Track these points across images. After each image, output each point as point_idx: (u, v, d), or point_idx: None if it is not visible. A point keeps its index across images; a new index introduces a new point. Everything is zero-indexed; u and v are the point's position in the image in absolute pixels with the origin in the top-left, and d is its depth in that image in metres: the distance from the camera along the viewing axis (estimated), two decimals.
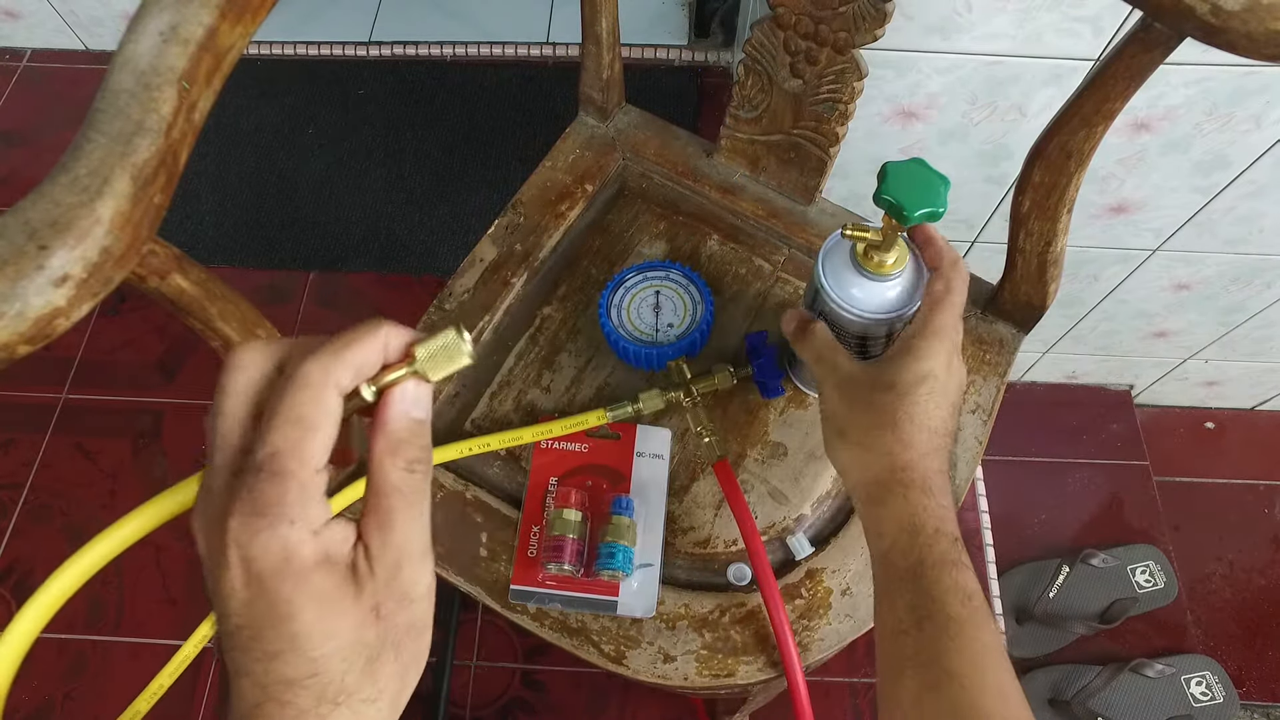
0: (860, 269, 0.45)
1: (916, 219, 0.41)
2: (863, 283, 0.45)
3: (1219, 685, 1.10)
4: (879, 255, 0.44)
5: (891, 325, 0.46)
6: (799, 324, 0.49)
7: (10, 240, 0.27)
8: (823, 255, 0.46)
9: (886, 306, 0.45)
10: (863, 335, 0.47)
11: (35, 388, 1.05)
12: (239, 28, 0.32)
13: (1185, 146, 0.77)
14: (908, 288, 0.45)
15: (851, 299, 0.45)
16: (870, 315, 0.45)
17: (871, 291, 0.45)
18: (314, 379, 0.25)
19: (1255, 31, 0.33)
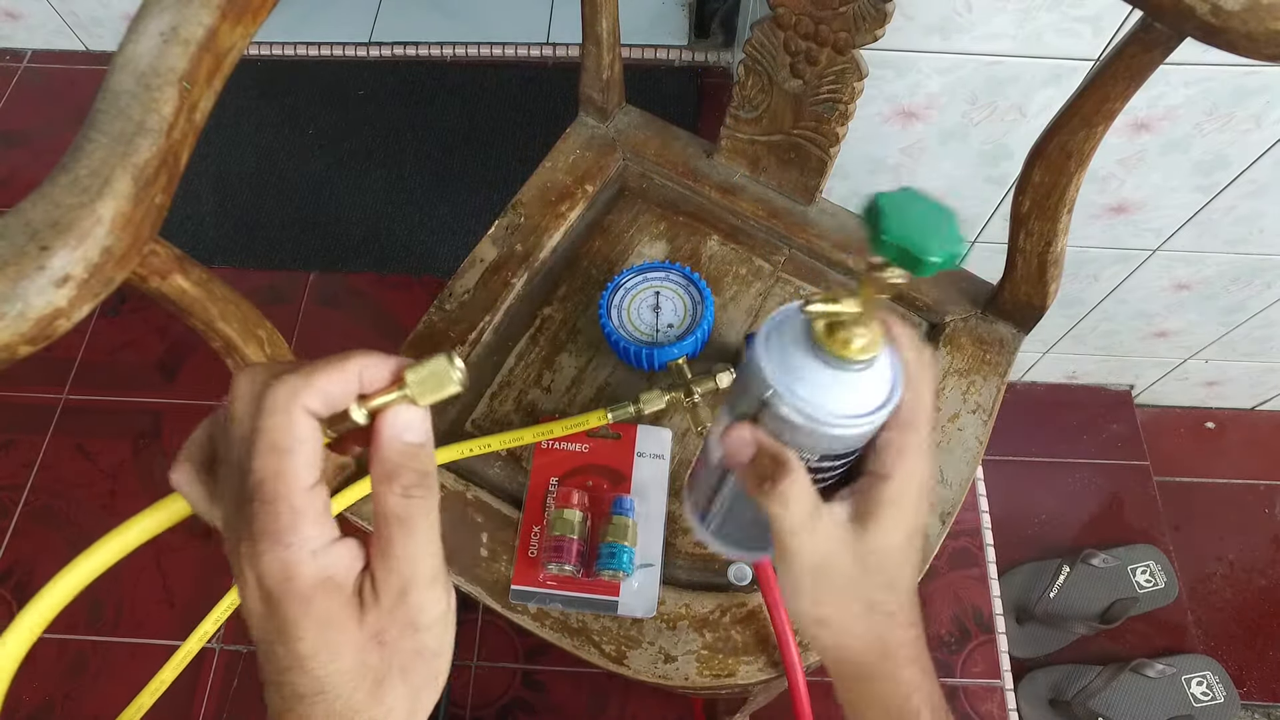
0: (823, 355, 0.30)
1: (935, 265, 0.28)
2: (830, 378, 0.30)
3: (1220, 685, 1.10)
4: (850, 333, 0.30)
5: (865, 439, 0.32)
6: (769, 461, 0.31)
7: (11, 241, 0.27)
8: (764, 341, 0.31)
9: (862, 408, 0.30)
10: (836, 455, 0.32)
11: (36, 388, 1.05)
12: (239, 28, 0.32)
13: (1185, 146, 0.77)
14: (881, 381, 0.31)
15: (817, 402, 0.30)
16: (841, 424, 0.30)
17: (841, 389, 0.30)
18: (280, 404, 0.25)
19: (1255, 31, 0.33)
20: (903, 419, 0.32)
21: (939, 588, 0.94)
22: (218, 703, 0.89)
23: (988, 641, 0.92)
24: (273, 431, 0.25)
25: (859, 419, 0.30)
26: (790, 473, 0.31)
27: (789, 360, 0.30)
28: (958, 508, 0.55)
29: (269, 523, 0.25)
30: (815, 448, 0.31)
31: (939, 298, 0.62)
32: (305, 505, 0.25)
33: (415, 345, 0.61)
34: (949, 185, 0.87)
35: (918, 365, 0.32)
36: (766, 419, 0.31)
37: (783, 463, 0.31)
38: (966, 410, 0.59)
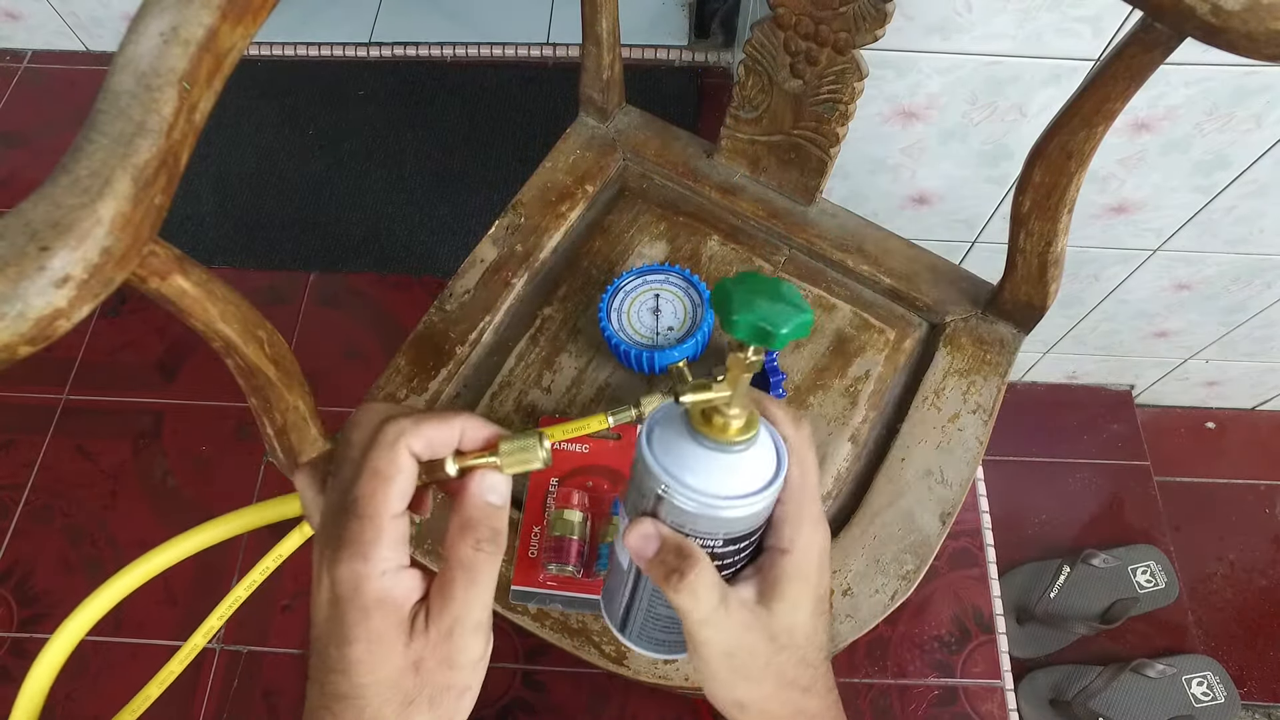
0: (705, 441, 0.30)
1: (788, 336, 0.29)
2: (715, 461, 0.31)
3: (1220, 685, 1.10)
4: (725, 417, 0.31)
5: (763, 518, 0.32)
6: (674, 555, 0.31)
7: (11, 241, 0.27)
8: (648, 438, 0.32)
9: (752, 485, 0.31)
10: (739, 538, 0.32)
11: (36, 389, 1.05)
12: (240, 29, 0.32)
13: (1186, 146, 0.77)
14: (766, 457, 0.32)
15: (708, 488, 0.30)
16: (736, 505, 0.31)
17: (728, 471, 0.31)
18: (389, 439, 0.29)
19: (1256, 31, 0.33)
20: (793, 492, 0.33)
21: (939, 588, 0.94)
22: (218, 703, 0.89)
23: (988, 642, 0.92)
24: (378, 460, 0.29)
25: (750, 497, 0.31)
26: (696, 564, 0.31)
27: (675, 452, 0.31)
28: (958, 508, 0.55)
29: (356, 535, 0.28)
30: (714, 532, 0.31)
31: (939, 298, 0.62)
32: (389, 528, 0.29)
33: (415, 345, 0.61)
34: (949, 185, 0.87)
35: (798, 439, 0.33)
36: (664, 512, 0.32)
37: (687, 555, 0.31)
38: (967, 410, 0.58)
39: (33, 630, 0.92)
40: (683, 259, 0.64)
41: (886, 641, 0.92)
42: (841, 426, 0.58)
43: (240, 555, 0.94)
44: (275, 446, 0.49)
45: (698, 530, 0.31)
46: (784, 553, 0.33)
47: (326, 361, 1.05)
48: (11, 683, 0.90)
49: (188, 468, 1.00)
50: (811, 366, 0.60)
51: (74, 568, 0.95)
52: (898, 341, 0.62)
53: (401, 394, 0.59)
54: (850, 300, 0.63)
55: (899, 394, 0.60)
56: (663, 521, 0.32)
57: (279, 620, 0.92)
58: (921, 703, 0.89)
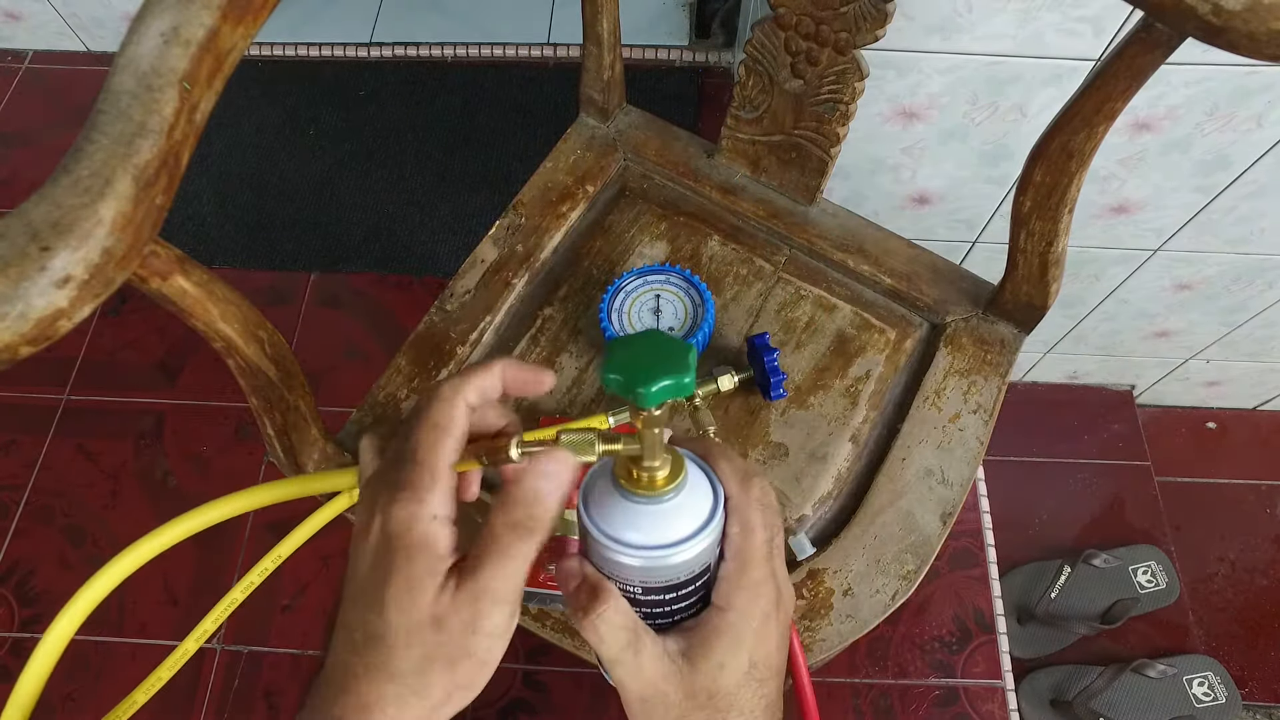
0: (628, 495, 0.31)
1: (656, 396, 0.29)
2: (635, 511, 0.31)
3: (1221, 686, 1.10)
4: (641, 469, 0.31)
5: (691, 570, 0.32)
6: (587, 592, 0.32)
7: (12, 241, 0.27)
8: (585, 484, 0.33)
9: (669, 537, 0.31)
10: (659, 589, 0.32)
11: (37, 389, 1.05)
12: (240, 29, 0.32)
13: (1186, 146, 0.77)
14: (696, 511, 0.32)
15: (621, 534, 0.31)
16: (646, 554, 0.31)
17: (647, 520, 0.31)
18: (445, 394, 0.32)
19: (1257, 31, 0.33)
20: (734, 550, 0.32)
21: (940, 588, 0.94)
22: (218, 703, 0.89)
23: (989, 642, 0.92)
24: (436, 413, 0.32)
25: (663, 549, 0.31)
26: (603, 603, 0.31)
27: (601, 499, 0.32)
28: (959, 508, 0.55)
29: (413, 478, 0.30)
30: (629, 579, 0.32)
31: (940, 298, 0.62)
32: (442, 476, 0.31)
33: (416, 345, 0.61)
34: (950, 185, 0.87)
35: (743, 499, 0.33)
36: (590, 553, 0.33)
37: (597, 593, 0.31)
38: (967, 410, 0.58)
39: (33, 630, 0.92)
40: (683, 259, 0.64)
41: (887, 641, 0.92)
42: (842, 426, 0.58)
43: (241, 555, 0.94)
44: (276, 446, 0.49)
45: (615, 575, 0.32)
46: (720, 611, 0.32)
47: (327, 361, 1.05)
48: (12, 683, 0.90)
49: (188, 468, 1.00)
50: (812, 366, 0.60)
51: (75, 568, 0.95)
52: (898, 341, 0.62)
53: (402, 394, 0.59)
54: (851, 300, 0.63)
55: (900, 394, 0.60)
56: (588, 559, 0.33)
57: (279, 621, 0.92)
58: (922, 703, 0.89)
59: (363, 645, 0.30)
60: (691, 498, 0.32)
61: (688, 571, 0.32)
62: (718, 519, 0.32)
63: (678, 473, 0.32)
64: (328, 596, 0.93)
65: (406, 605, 0.29)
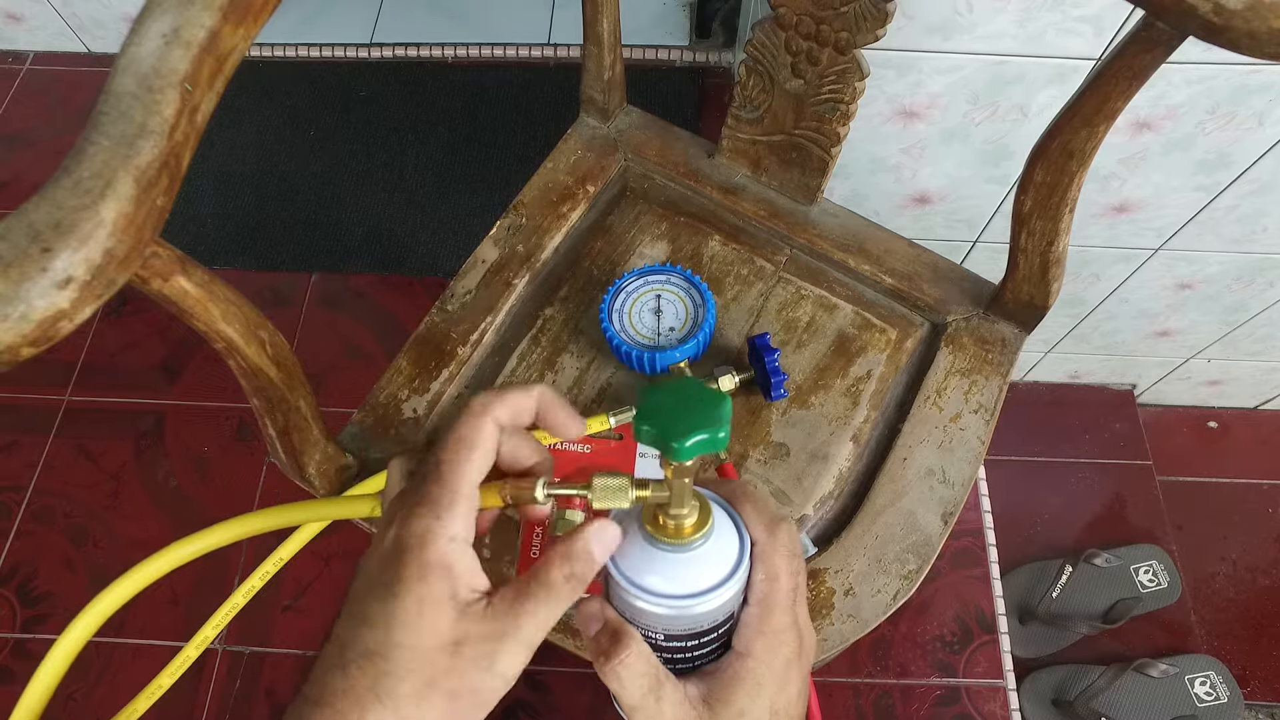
0: (655, 542, 0.31)
1: (689, 451, 0.29)
2: (660, 559, 0.31)
3: (1223, 685, 1.10)
4: (669, 517, 0.31)
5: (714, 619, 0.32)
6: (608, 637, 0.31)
7: (13, 242, 0.27)
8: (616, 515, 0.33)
9: (696, 587, 0.31)
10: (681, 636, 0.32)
11: (38, 390, 1.05)
12: (241, 30, 0.32)
13: (1187, 145, 0.77)
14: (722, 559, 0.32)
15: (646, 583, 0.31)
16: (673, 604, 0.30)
17: (673, 569, 0.31)
18: (475, 409, 0.31)
19: (1258, 30, 0.33)
20: (758, 598, 0.32)
21: (941, 588, 0.94)
22: (220, 703, 0.89)
23: (990, 641, 0.92)
24: (463, 429, 0.31)
25: (689, 599, 0.31)
26: (625, 649, 0.31)
27: (626, 548, 0.32)
28: (960, 508, 0.55)
29: (434, 495, 0.29)
30: (652, 626, 0.31)
31: (941, 298, 0.62)
32: (465, 496, 0.30)
33: (417, 346, 0.61)
34: (951, 185, 0.87)
35: (769, 546, 0.32)
36: (612, 597, 0.32)
37: (620, 638, 0.31)
38: (969, 410, 0.58)
39: (35, 631, 0.92)
40: (684, 259, 0.64)
41: (889, 641, 0.92)
42: (843, 426, 0.58)
43: (242, 557, 0.95)
44: (277, 447, 0.49)
45: (637, 621, 0.32)
46: (741, 657, 0.32)
47: (328, 362, 1.05)
48: (15, 683, 0.91)
49: (190, 469, 1.00)
50: (813, 366, 0.60)
51: (76, 568, 0.95)
52: (899, 341, 0.62)
53: (403, 395, 0.59)
54: (852, 300, 0.63)
55: (901, 393, 0.60)
56: (610, 602, 0.32)
57: (281, 621, 0.92)
58: (924, 703, 0.89)
59: (353, 661, 0.28)
60: (718, 545, 0.31)
61: (711, 620, 0.32)
62: (743, 568, 0.31)
63: (705, 520, 0.31)
64: (329, 597, 0.94)
65: (416, 626, 0.28)
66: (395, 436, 0.58)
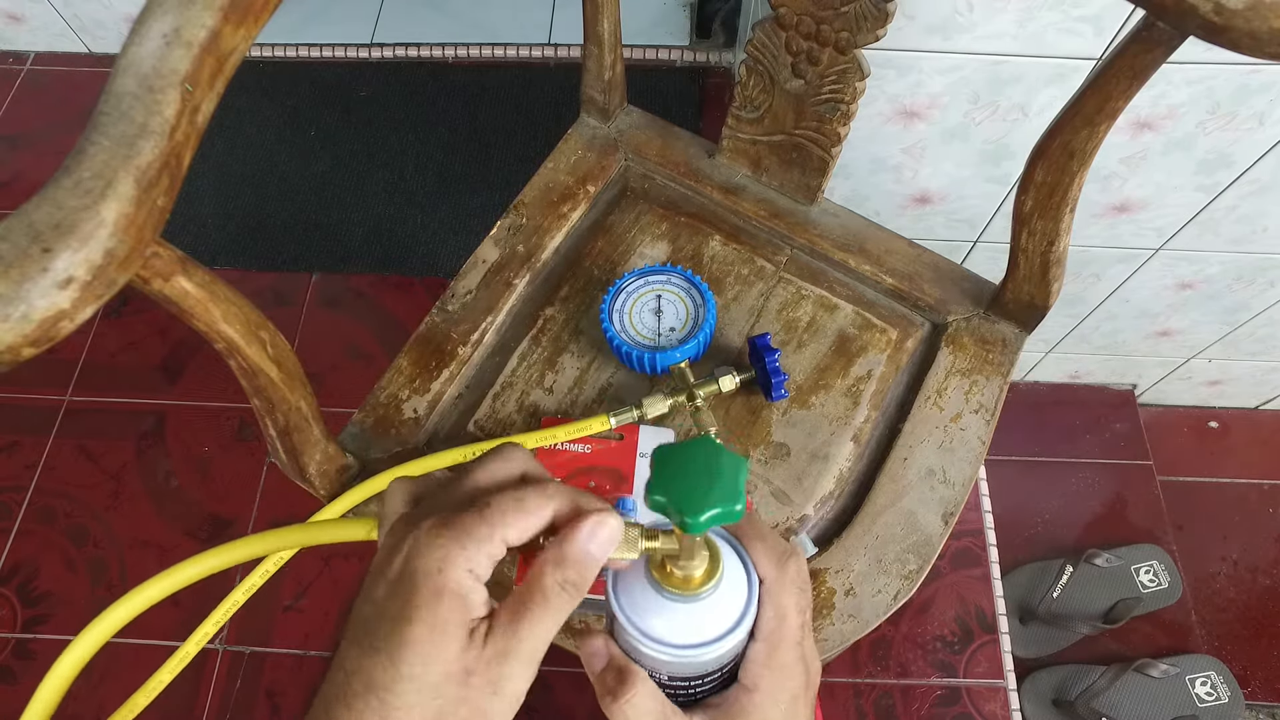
0: (660, 589, 0.31)
1: (704, 525, 0.28)
2: (669, 608, 0.31)
3: (1224, 685, 1.10)
4: (679, 568, 0.31)
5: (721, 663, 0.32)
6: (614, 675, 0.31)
7: (14, 243, 0.27)
8: (615, 574, 0.32)
9: (705, 635, 0.30)
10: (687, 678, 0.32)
11: (39, 390, 1.05)
12: (241, 30, 0.32)
13: (1188, 145, 0.77)
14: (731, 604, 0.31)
15: (656, 633, 0.30)
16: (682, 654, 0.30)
17: (682, 618, 0.31)
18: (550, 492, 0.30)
19: (1258, 30, 0.33)
20: (769, 634, 0.32)
21: (942, 588, 0.94)
22: (220, 703, 0.89)
23: (991, 642, 0.92)
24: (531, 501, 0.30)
25: (699, 648, 0.30)
26: (632, 688, 0.30)
27: (632, 587, 0.31)
28: (960, 508, 0.55)
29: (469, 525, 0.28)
30: (657, 670, 0.31)
31: (941, 298, 0.62)
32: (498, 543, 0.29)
33: (417, 346, 0.61)
34: (951, 185, 0.86)
35: (778, 584, 0.32)
36: (618, 636, 0.32)
37: (625, 677, 0.31)
38: (969, 410, 0.58)
39: (36, 631, 0.92)
40: (684, 259, 0.64)
41: (889, 641, 0.92)
42: (843, 426, 0.58)
43: None
44: (278, 447, 0.49)
45: (641, 663, 0.31)
46: (748, 691, 0.32)
47: (329, 362, 1.05)
48: (16, 683, 0.91)
49: (190, 468, 1.01)
50: (814, 366, 0.60)
51: (77, 568, 0.95)
52: (900, 341, 0.62)
53: (404, 395, 0.59)
54: (852, 300, 0.63)
55: (901, 393, 0.60)
56: (614, 639, 0.32)
57: (281, 621, 0.92)
58: (924, 703, 0.89)
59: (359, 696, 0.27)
60: (726, 592, 0.31)
61: (718, 664, 0.32)
62: (751, 611, 0.31)
63: (715, 570, 0.31)
64: (329, 597, 0.94)
65: (426, 656, 0.27)
66: (396, 436, 0.58)
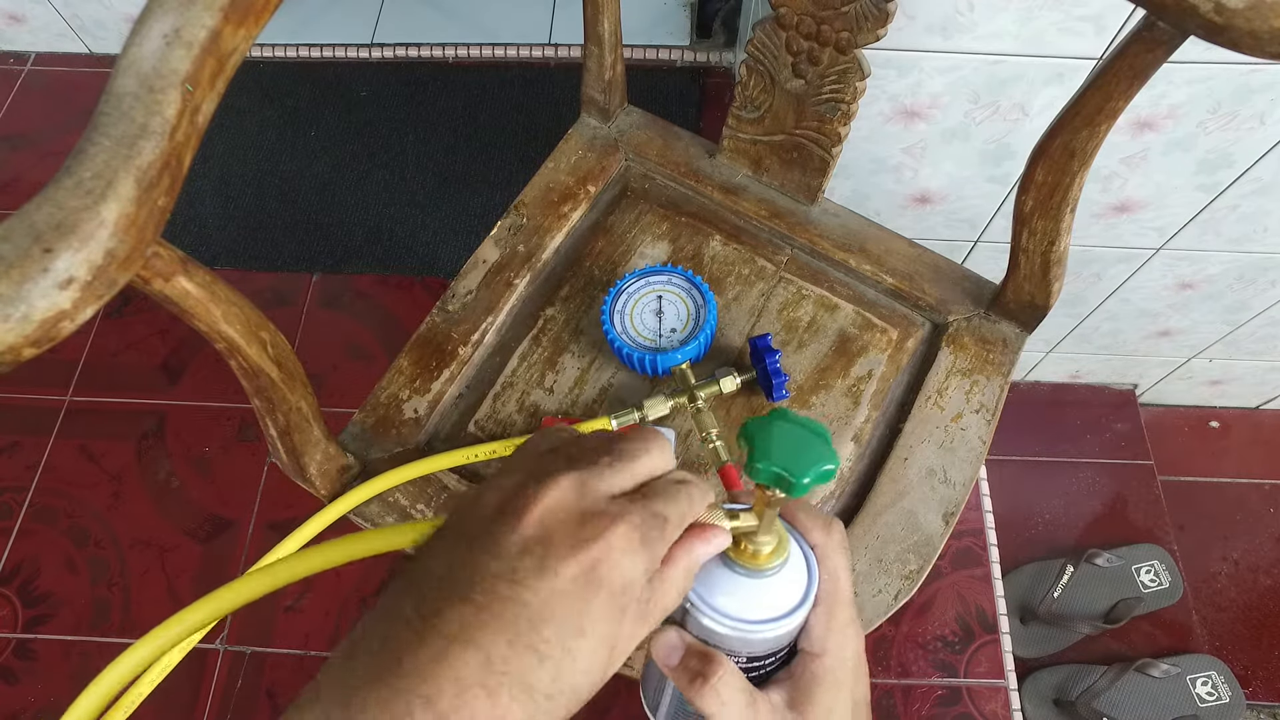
0: (734, 565, 0.31)
1: (808, 486, 0.29)
2: (744, 585, 0.31)
3: (1225, 685, 1.10)
4: (755, 544, 0.31)
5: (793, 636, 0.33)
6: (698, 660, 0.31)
7: (15, 243, 0.27)
8: None
9: (781, 609, 0.31)
10: (763, 656, 0.33)
11: (39, 390, 1.05)
12: (242, 30, 0.32)
13: (1189, 145, 0.77)
14: (797, 577, 0.32)
15: (735, 611, 0.31)
16: (762, 629, 0.31)
17: (757, 594, 0.31)
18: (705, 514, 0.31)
19: (1259, 29, 0.33)
20: (825, 598, 0.33)
21: (943, 588, 0.94)
22: (221, 703, 0.89)
23: (992, 641, 0.92)
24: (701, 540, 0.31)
25: (777, 621, 0.31)
26: (720, 668, 0.31)
27: (705, 573, 0.32)
28: (961, 507, 0.55)
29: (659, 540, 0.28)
30: (739, 651, 0.32)
31: (942, 298, 0.62)
32: None
33: (418, 346, 0.61)
34: (952, 185, 0.86)
35: (828, 546, 0.33)
36: (690, 625, 0.32)
37: (711, 659, 0.31)
38: (970, 410, 0.58)
39: (37, 631, 0.92)
40: (685, 259, 0.64)
41: (890, 641, 0.91)
42: (844, 426, 0.58)
43: (244, 554, 0.95)
44: (279, 447, 0.49)
45: (722, 647, 0.32)
46: (816, 657, 0.33)
47: (329, 362, 1.05)
48: (18, 683, 0.91)
49: (191, 469, 1.01)
50: (814, 366, 0.60)
51: (78, 569, 0.95)
52: (900, 341, 0.62)
53: (404, 395, 0.59)
54: (853, 300, 0.63)
55: (902, 393, 0.60)
56: (688, 632, 0.32)
57: (282, 621, 0.92)
58: (925, 703, 0.89)
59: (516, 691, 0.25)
60: (793, 565, 0.32)
61: (791, 637, 0.32)
62: (815, 582, 0.32)
63: (784, 545, 0.32)
64: (331, 597, 0.94)
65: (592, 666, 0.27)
66: (396, 437, 0.58)
